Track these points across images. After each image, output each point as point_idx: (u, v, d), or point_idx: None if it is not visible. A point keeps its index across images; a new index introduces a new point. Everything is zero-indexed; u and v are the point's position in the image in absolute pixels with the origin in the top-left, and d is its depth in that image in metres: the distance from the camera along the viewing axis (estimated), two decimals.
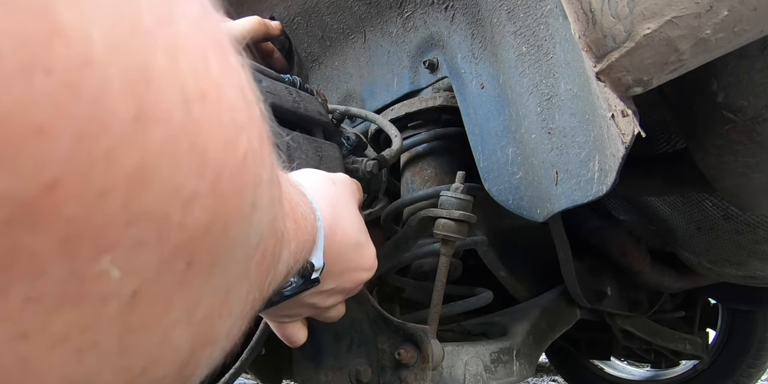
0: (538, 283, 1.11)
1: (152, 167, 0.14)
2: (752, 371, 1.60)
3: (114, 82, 0.13)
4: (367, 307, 0.62)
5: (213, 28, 0.17)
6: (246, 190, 0.18)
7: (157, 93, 0.14)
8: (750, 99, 0.56)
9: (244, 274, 0.21)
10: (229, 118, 0.17)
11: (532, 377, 2.58)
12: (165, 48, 0.14)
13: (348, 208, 0.45)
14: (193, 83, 0.15)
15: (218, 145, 0.16)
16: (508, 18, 0.65)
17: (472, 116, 0.74)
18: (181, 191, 0.15)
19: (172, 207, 0.15)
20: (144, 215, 0.14)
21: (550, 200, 0.62)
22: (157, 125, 0.14)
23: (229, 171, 0.16)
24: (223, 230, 0.17)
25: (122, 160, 0.13)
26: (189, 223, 0.15)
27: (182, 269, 0.16)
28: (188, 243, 0.16)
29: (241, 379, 2.01)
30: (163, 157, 0.14)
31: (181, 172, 0.15)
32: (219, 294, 0.19)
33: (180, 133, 0.14)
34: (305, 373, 0.66)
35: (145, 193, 0.14)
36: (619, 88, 0.43)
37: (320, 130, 0.63)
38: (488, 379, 0.72)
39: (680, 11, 0.38)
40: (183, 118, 0.14)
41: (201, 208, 0.15)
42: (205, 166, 0.15)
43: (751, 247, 0.90)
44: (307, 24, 0.92)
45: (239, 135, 0.17)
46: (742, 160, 0.61)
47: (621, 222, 1.15)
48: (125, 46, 0.13)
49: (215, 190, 0.16)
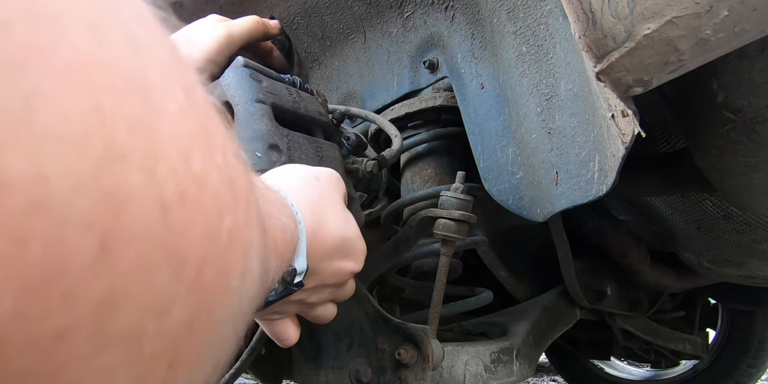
0: (538, 283, 1.12)
1: (122, 291, 0.13)
2: (752, 371, 1.60)
3: (72, 221, 0.11)
4: (367, 307, 0.62)
5: (198, 114, 0.16)
6: (233, 269, 0.17)
7: (130, 214, 0.13)
8: (750, 99, 0.56)
9: (234, 332, 0.20)
10: (212, 205, 0.16)
11: (532, 377, 2.58)
12: (141, 164, 0.13)
13: (332, 204, 0.44)
14: (172, 187, 0.14)
15: (199, 241, 0.15)
16: (508, 18, 0.65)
17: (472, 116, 0.74)
18: (157, 303, 0.14)
19: (147, 321, 0.13)
20: (113, 340, 0.13)
21: (550, 200, 0.62)
22: (128, 247, 0.13)
23: (212, 261, 0.15)
24: (208, 317, 0.16)
25: (84, 297, 0.12)
26: (168, 329, 0.14)
27: (163, 371, 0.15)
28: (169, 346, 0.14)
29: (241, 379, 2.01)
30: (136, 277, 0.13)
31: (156, 286, 0.13)
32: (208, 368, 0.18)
33: (157, 245, 0.13)
34: (305, 373, 0.66)
35: (113, 319, 0.12)
36: (619, 88, 0.43)
37: (320, 130, 0.63)
38: (488, 379, 0.72)
39: (680, 11, 0.38)
40: (160, 229, 0.13)
41: (181, 309, 0.14)
42: (183, 268, 0.14)
43: (751, 247, 0.90)
44: (307, 24, 0.92)
45: (223, 218, 0.16)
46: (742, 160, 0.61)
47: (621, 222, 1.15)
48: (93, 177, 0.12)
49: (196, 286, 0.15)
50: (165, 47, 0.16)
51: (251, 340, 0.62)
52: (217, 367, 0.19)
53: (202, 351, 0.16)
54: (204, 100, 0.17)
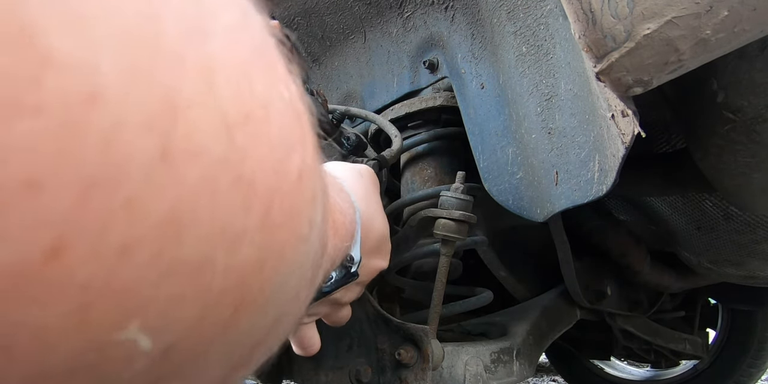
0: (538, 283, 1.12)
1: (188, 211, 0.12)
2: (752, 371, 1.60)
3: (130, 118, 0.11)
4: (367, 307, 0.62)
5: (256, 38, 0.15)
6: (303, 213, 0.16)
7: (189, 125, 0.12)
8: (750, 99, 0.56)
9: (296, 295, 0.19)
10: (280, 138, 0.15)
11: (532, 377, 2.58)
12: (196, 71, 0.12)
13: (376, 201, 0.45)
14: (235, 106, 0.13)
15: (268, 172, 0.14)
16: (508, 18, 0.65)
17: (472, 116, 0.74)
18: (226, 232, 0.13)
19: (216, 251, 0.13)
20: (180, 266, 0.12)
21: (550, 200, 0.62)
22: (191, 162, 0.12)
23: (281, 197, 0.15)
24: (279, 261, 0.15)
25: (148, 209, 0.11)
26: (237, 265, 0.13)
27: (228, 315, 0.14)
28: (237, 286, 0.14)
29: None
30: (202, 196, 0.12)
31: (224, 211, 0.13)
32: (266, 326, 0.17)
33: (222, 166, 0.12)
34: (305, 373, 0.66)
35: (180, 242, 0.12)
36: (619, 88, 0.43)
37: (320, 130, 0.63)
38: (488, 379, 0.72)
39: (680, 11, 0.38)
40: (225, 148, 0.12)
41: (251, 246, 0.14)
42: (253, 198, 0.13)
43: (751, 247, 0.90)
44: (307, 24, 0.92)
45: (291, 155, 0.15)
46: (742, 160, 0.61)
47: (621, 222, 1.15)
48: (144, 73, 0.11)
49: (267, 222, 0.14)
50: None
51: None
52: (279, 320, 0.18)
53: (268, 298, 0.15)
54: (261, 25, 0.16)
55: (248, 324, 0.15)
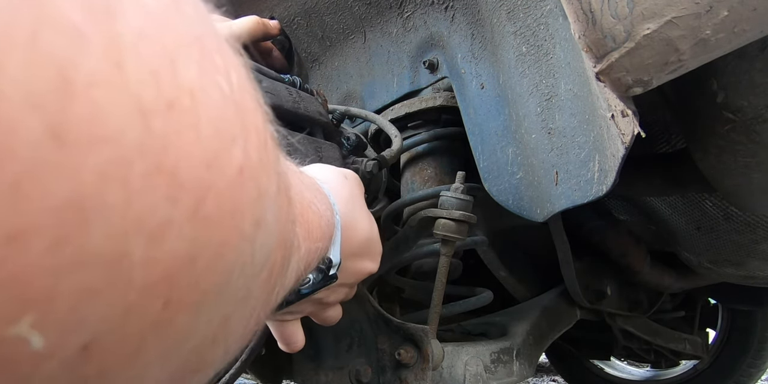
0: (538, 283, 1.12)
1: (93, 197, 0.11)
2: (752, 371, 1.60)
3: (9, 90, 0.10)
4: (367, 307, 0.62)
5: (188, 25, 0.14)
6: (245, 210, 0.15)
7: (90, 105, 0.11)
8: (750, 99, 0.56)
9: (247, 295, 0.18)
10: (213, 130, 0.14)
11: (532, 377, 2.58)
12: (102, 49, 0.11)
13: (360, 204, 0.44)
14: (152, 91, 0.12)
15: (197, 163, 0.13)
16: (508, 18, 0.65)
17: (472, 116, 0.74)
18: (143, 222, 0.12)
19: (133, 242, 0.12)
20: (88, 257, 0.11)
21: (550, 200, 0.62)
22: (94, 145, 0.11)
23: (216, 191, 0.14)
24: (215, 258, 0.15)
25: (39, 193, 0.10)
26: (161, 258, 0.13)
27: (158, 310, 0.13)
28: (164, 280, 0.13)
29: (241, 379, 2.01)
30: (111, 184, 0.11)
31: (142, 201, 0.12)
32: (213, 324, 0.16)
33: (135, 153, 0.12)
34: (305, 373, 0.66)
35: (85, 230, 0.11)
36: (619, 88, 0.43)
37: (320, 130, 0.63)
38: (488, 379, 0.72)
39: (680, 11, 0.38)
40: (138, 135, 0.12)
41: (178, 239, 0.13)
42: (179, 189, 0.13)
43: (751, 247, 0.90)
44: (307, 24, 0.92)
45: (230, 148, 0.15)
46: (742, 160, 0.61)
47: (621, 222, 1.15)
48: (27, 41, 0.10)
49: (198, 216, 0.14)
50: None
51: (251, 341, 0.62)
52: (225, 323, 0.17)
53: (205, 296, 0.15)
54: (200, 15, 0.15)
55: (185, 322, 0.15)
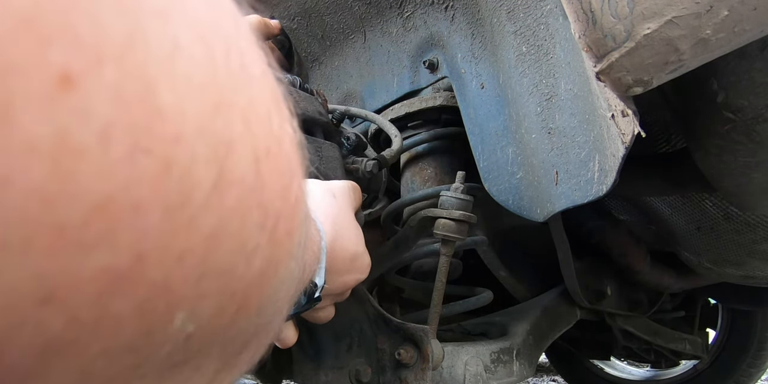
0: (538, 283, 1.12)
1: (226, 227, 0.14)
2: (752, 371, 1.60)
3: (200, 154, 0.13)
4: (367, 307, 0.62)
5: (273, 84, 0.18)
6: (297, 232, 0.19)
7: (234, 158, 0.14)
8: (750, 99, 0.56)
9: (281, 309, 0.21)
10: (286, 168, 0.17)
11: (532, 377, 2.58)
12: (241, 114, 0.15)
13: (347, 222, 0.46)
14: (262, 142, 0.16)
15: (276, 196, 0.17)
16: (508, 18, 0.65)
17: (472, 116, 0.74)
18: (247, 246, 0.16)
19: (238, 261, 0.15)
20: (213, 271, 0.15)
21: (550, 200, 0.62)
22: (231, 188, 0.14)
23: (283, 218, 0.17)
24: (275, 274, 0.18)
25: (201, 225, 0.14)
26: (249, 274, 0.16)
27: (232, 313, 0.16)
28: (244, 290, 0.16)
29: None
30: (235, 216, 0.15)
31: (248, 229, 0.15)
32: (255, 329, 0.19)
33: (250, 192, 0.15)
34: (305, 373, 0.66)
35: (217, 252, 0.14)
36: (619, 88, 0.43)
37: (320, 130, 0.63)
38: (488, 379, 0.72)
39: (680, 11, 0.38)
40: (253, 177, 0.15)
41: (260, 258, 0.16)
42: (266, 218, 0.16)
43: (751, 247, 0.90)
44: (307, 24, 0.92)
45: (292, 182, 0.18)
46: (742, 160, 0.61)
47: (621, 222, 1.15)
48: (211, 119, 0.14)
49: (272, 239, 0.17)
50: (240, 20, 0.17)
51: None
52: (263, 329, 0.20)
53: (262, 306, 0.18)
54: (273, 72, 0.19)
55: (243, 324, 0.18)
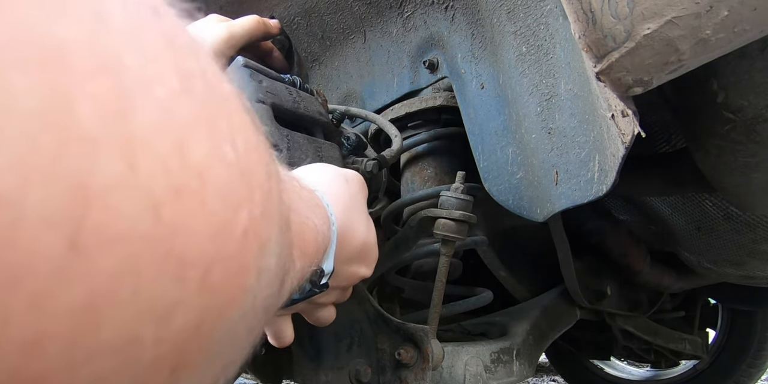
0: (538, 283, 1.11)
1: (106, 296, 0.11)
2: (752, 371, 1.60)
3: (30, 214, 0.10)
4: (367, 307, 0.62)
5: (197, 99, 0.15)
6: (249, 267, 0.16)
7: (106, 211, 0.11)
8: (750, 99, 0.56)
9: (248, 334, 0.19)
10: (220, 203, 0.14)
11: (532, 377, 2.58)
12: (115, 153, 0.12)
13: (359, 208, 0.44)
14: (163, 183, 0.13)
15: (204, 241, 0.14)
16: (508, 18, 0.65)
17: (472, 116, 0.74)
18: (155, 307, 0.13)
19: (144, 327, 0.12)
20: (100, 350, 0.12)
21: (550, 200, 0.62)
22: (107, 248, 0.11)
23: (222, 260, 0.14)
24: (218, 320, 0.15)
25: (57, 303, 0.11)
26: (170, 335, 0.13)
27: (166, 376, 0.14)
28: (173, 351, 0.13)
29: (241, 379, 2.00)
30: (124, 279, 0.12)
31: (152, 288, 0.12)
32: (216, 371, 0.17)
33: (146, 246, 0.12)
34: (305, 373, 0.66)
35: (97, 328, 0.12)
36: (619, 88, 0.43)
37: (320, 130, 0.63)
38: (488, 379, 0.72)
39: (680, 11, 0.38)
40: (149, 228, 0.12)
41: (185, 314, 0.13)
42: (187, 269, 0.13)
43: (751, 247, 0.90)
44: (307, 24, 0.92)
45: (236, 215, 0.15)
46: (742, 160, 0.61)
47: (621, 222, 1.15)
48: (48, 163, 0.10)
49: (205, 288, 0.14)
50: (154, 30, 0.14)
51: None
52: (227, 366, 0.18)
53: (210, 353, 0.15)
54: (207, 85, 0.16)
55: (192, 378, 0.15)
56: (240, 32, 0.72)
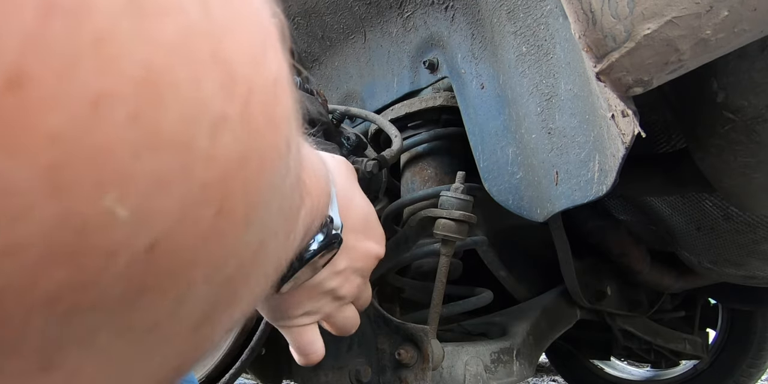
0: (538, 283, 1.11)
1: (165, 74, 0.11)
2: (752, 371, 1.60)
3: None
4: (367, 307, 0.62)
5: None
6: (281, 123, 0.15)
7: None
8: (750, 99, 0.56)
9: (276, 228, 0.17)
10: (256, 32, 0.14)
11: (532, 377, 2.58)
12: None
13: (357, 187, 0.43)
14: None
15: (245, 60, 0.13)
16: (508, 18, 0.65)
17: (472, 116, 0.74)
18: (207, 111, 0.12)
19: (198, 131, 0.12)
20: (160, 139, 0.11)
21: (550, 200, 0.62)
22: (164, 18, 0.11)
23: (259, 94, 0.14)
24: (260, 169, 0.14)
25: (120, 55, 0.10)
26: (219, 155, 0.12)
27: (210, 217, 0.13)
28: (219, 183, 0.13)
29: (241, 379, 2.01)
30: (179, 60, 0.11)
31: (204, 85, 0.12)
32: (251, 248, 0.16)
33: (198, 32, 0.12)
34: (305, 373, 0.66)
35: (159, 108, 0.11)
36: (619, 88, 0.43)
37: (320, 130, 0.63)
38: (488, 379, 0.72)
39: (680, 11, 0.38)
40: (200, 15, 0.12)
41: (232, 137, 0.13)
42: (232, 83, 0.13)
43: (751, 247, 0.90)
44: (307, 24, 0.92)
45: (266, 53, 0.14)
46: (742, 160, 0.61)
47: (621, 222, 1.15)
48: None
49: (247, 117, 0.13)
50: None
51: (251, 340, 0.62)
52: (260, 251, 0.16)
53: (251, 210, 0.14)
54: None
55: (231, 237, 0.14)
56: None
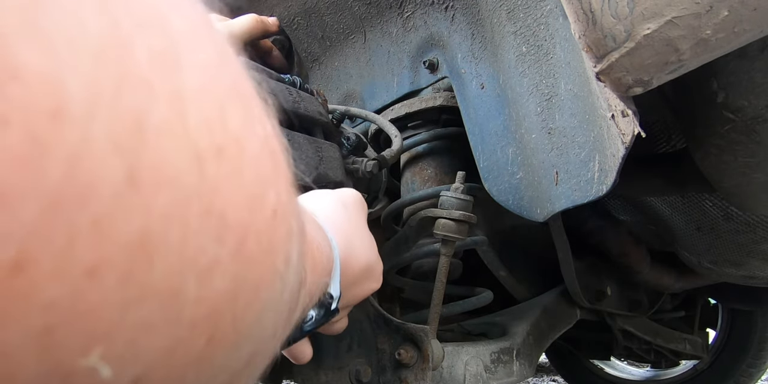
0: (538, 283, 1.11)
1: (158, 236, 0.12)
2: (752, 371, 1.60)
3: (97, 136, 0.11)
4: (367, 307, 0.62)
5: (232, 77, 0.16)
6: (279, 250, 0.16)
7: (158, 152, 0.12)
8: (750, 99, 0.56)
9: (273, 333, 0.19)
10: (254, 175, 0.15)
11: (532, 377, 2.58)
12: (168, 99, 0.12)
13: (360, 231, 0.45)
14: (207, 138, 0.13)
15: (241, 206, 0.14)
16: (508, 18, 0.65)
17: (472, 116, 0.74)
18: (197, 261, 0.13)
19: (187, 279, 0.13)
20: (150, 292, 0.12)
21: (550, 200, 0.62)
22: (160, 189, 0.12)
23: (255, 233, 0.15)
24: (254, 296, 0.15)
25: (116, 231, 0.11)
26: (209, 296, 0.13)
27: (201, 347, 0.14)
28: (210, 317, 0.14)
29: None
30: (172, 224, 0.12)
31: (196, 240, 0.13)
32: (242, 361, 0.17)
33: (192, 195, 0.13)
34: (305, 373, 0.66)
35: (149, 267, 0.12)
36: (619, 88, 0.43)
37: (320, 130, 0.63)
38: (488, 379, 0.72)
39: (680, 11, 0.38)
40: (195, 179, 0.13)
41: (223, 277, 0.14)
42: (226, 231, 0.14)
43: (751, 247, 0.90)
44: (307, 24, 0.92)
45: (266, 192, 0.16)
46: (742, 160, 0.61)
47: (621, 222, 1.15)
48: (111, 94, 0.11)
49: (240, 256, 0.14)
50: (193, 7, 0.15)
51: None
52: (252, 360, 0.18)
53: (242, 334, 0.15)
54: (239, 67, 0.16)
55: (222, 358, 0.15)
56: (239, 31, 0.72)
